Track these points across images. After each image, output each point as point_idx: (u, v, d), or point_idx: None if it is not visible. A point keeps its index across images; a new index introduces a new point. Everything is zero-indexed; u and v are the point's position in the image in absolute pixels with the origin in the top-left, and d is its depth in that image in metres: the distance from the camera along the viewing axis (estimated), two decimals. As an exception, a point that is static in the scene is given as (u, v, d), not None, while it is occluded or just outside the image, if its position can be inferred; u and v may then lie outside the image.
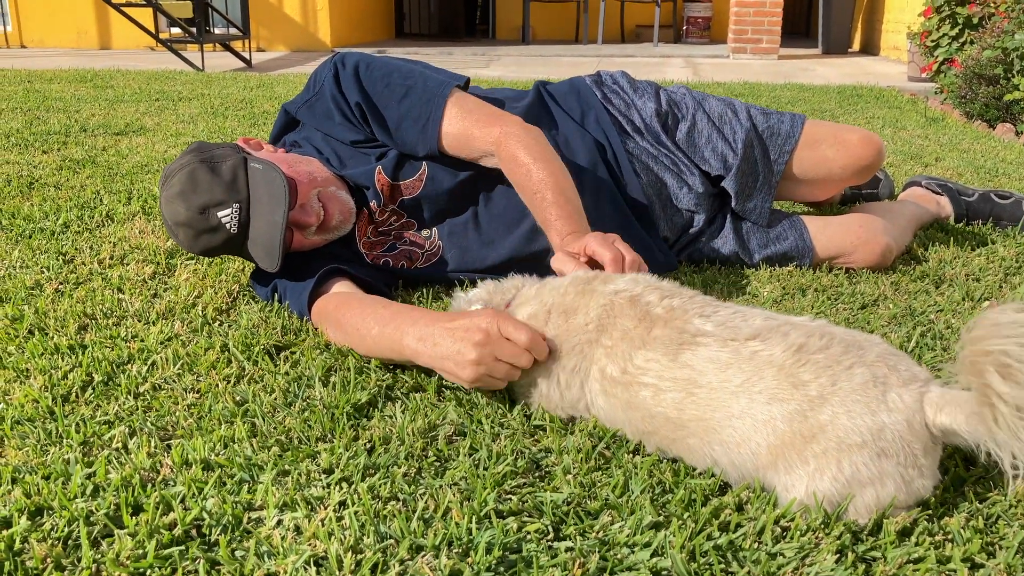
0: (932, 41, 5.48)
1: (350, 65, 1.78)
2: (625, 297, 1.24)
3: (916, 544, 1.00)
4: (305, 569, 0.95)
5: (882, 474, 1.00)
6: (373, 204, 1.80)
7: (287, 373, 1.45)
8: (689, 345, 1.14)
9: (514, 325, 1.27)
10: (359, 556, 0.97)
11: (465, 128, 1.72)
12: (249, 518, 1.05)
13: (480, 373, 1.27)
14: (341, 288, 1.66)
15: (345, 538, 1.00)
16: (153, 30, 7.89)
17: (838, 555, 0.98)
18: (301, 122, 1.90)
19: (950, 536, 1.01)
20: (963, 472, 1.14)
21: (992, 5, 5.01)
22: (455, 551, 0.98)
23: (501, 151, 1.68)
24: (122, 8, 7.44)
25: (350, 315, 1.52)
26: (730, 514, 1.05)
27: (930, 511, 1.06)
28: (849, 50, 9.17)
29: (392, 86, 1.75)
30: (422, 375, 1.44)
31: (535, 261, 1.83)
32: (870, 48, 9.21)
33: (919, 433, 1.01)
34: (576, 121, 1.97)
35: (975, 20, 5.17)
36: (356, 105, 1.76)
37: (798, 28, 12.61)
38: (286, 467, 1.16)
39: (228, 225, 1.59)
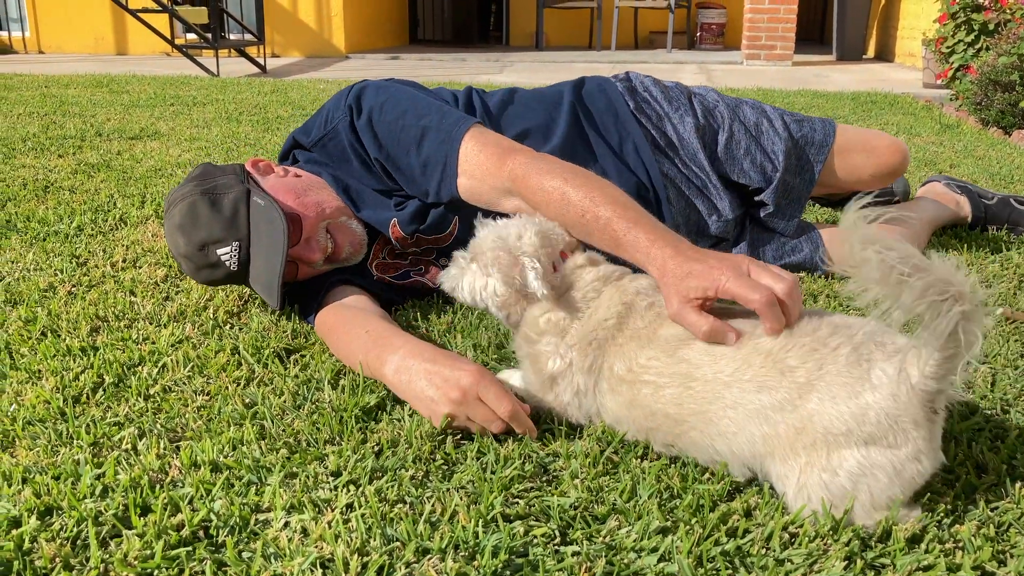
0: (947, 47, 5.45)
1: (365, 112, 1.66)
2: (645, 300, 1.23)
3: (926, 551, 0.99)
4: (312, 571, 0.95)
5: (872, 466, 0.99)
6: (388, 239, 1.74)
7: (296, 376, 1.45)
8: (688, 341, 1.13)
9: (496, 393, 1.22)
10: (365, 558, 0.97)
11: (479, 164, 1.53)
12: (256, 520, 1.06)
13: (452, 423, 1.25)
14: (345, 297, 1.63)
15: (352, 540, 1.00)
16: (169, 36, 7.96)
17: (847, 562, 0.97)
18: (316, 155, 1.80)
19: (960, 544, 1.00)
20: (974, 480, 1.13)
21: (1008, 11, 4.98)
22: (461, 554, 0.98)
23: (521, 186, 1.44)
24: (139, 14, 7.50)
25: (340, 339, 1.49)
26: (738, 520, 1.04)
27: (939, 518, 1.05)
28: (864, 56, 9.14)
29: (407, 128, 1.62)
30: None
31: None
32: (885, 54, 9.17)
33: (906, 405, 0.98)
34: (615, 152, 1.85)
35: (991, 26, 5.14)
36: (376, 160, 1.67)
37: (812, 34, 12.57)
38: (294, 469, 1.16)
39: (228, 263, 1.57)
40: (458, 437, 1.25)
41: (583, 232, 1.35)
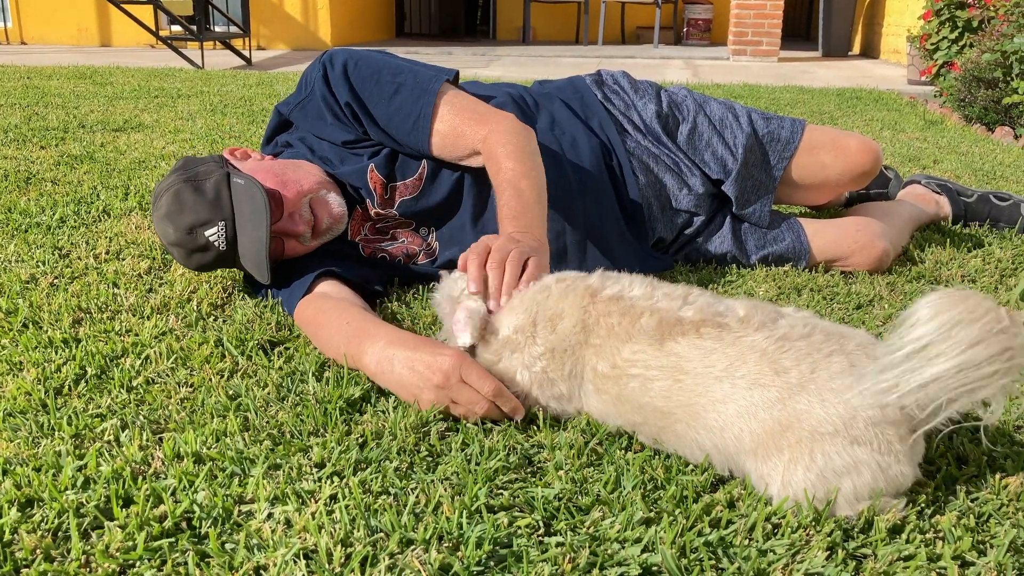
0: (932, 44, 5.49)
1: (338, 64, 1.75)
2: (608, 295, 1.23)
3: (907, 542, 1.00)
4: (295, 562, 0.95)
5: (857, 463, 1.00)
6: (368, 203, 1.80)
7: (280, 368, 1.45)
8: (674, 333, 1.14)
9: (479, 374, 1.24)
10: (349, 549, 0.97)
11: (455, 126, 1.69)
12: (240, 511, 1.05)
13: (436, 406, 1.26)
14: (326, 289, 1.64)
15: (335, 531, 1.00)
16: (154, 27, 7.89)
17: (828, 552, 0.98)
18: (294, 124, 1.89)
19: (941, 534, 1.01)
20: (955, 471, 1.14)
21: (992, 9, 5.01)
22: (445, 545, 0.98)
23: (485, 148, 1.65)
24: (123, 5, 7.44)
25: (320, 331, 1.51)
26: (721, 510, 1.05)
27: (920, 508, 1.05)
28: (849, 53, 9.18)
29: (382, 83, 1.73)
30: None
31: None
32: (870, 51, 9.21)
33: (893, 419, 1.00)
34: (582, 120, 1.96)
35: (975, 23, 5.17)
36: (346, 105, 1.75)
37: (798, 31, 12.62)
38: (278, 461, 1.15)
39: (217, 243, 1.60)
40: (443, 428, 1.25)
41: (496, 195, 1.59)
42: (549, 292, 1.28)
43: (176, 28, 8.29)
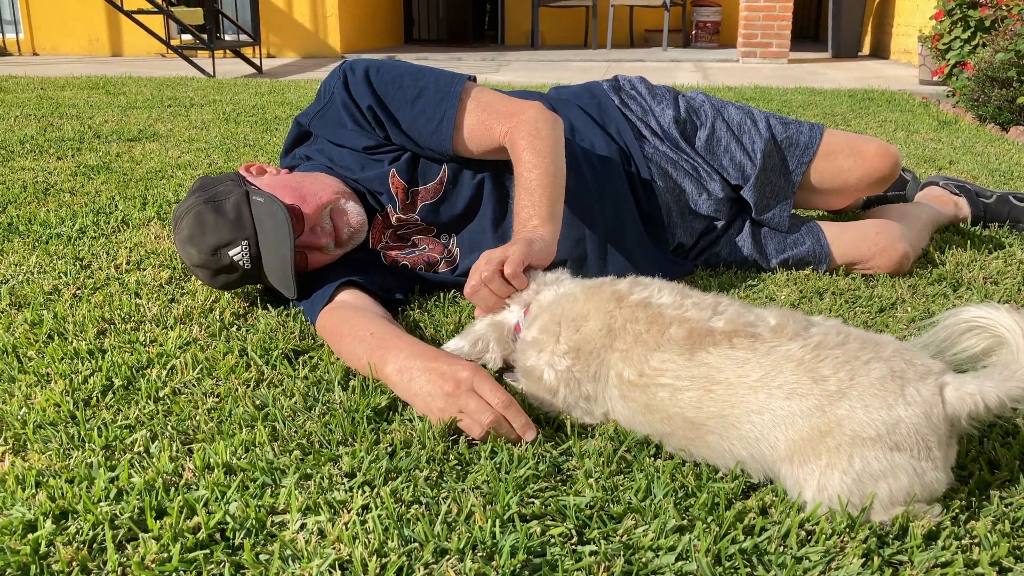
0: (944, 44, 5.46)
1: (360, 71, 1.77)
2: (634, 301, 1.24)
3: (943, 548, 0.99)
4: (330, 572, 0.95)
5: (894, 467, 1.01)
6: (389, 209, 1.80)
7: (306, 377, 1.45)
8: (705, 344, 1.14)
9: (491, 386, 1.24)
10: (384, 560, 0.97)
11: (483, 120, 1.70)
12: (273, 522, 1.05)
13: (446, 417, 1.25)
14: (347, 299, 1.65)
15: (369, 542, 1.00)
16: (164, 37, 7.94)
17: (864, 559, 0.97)
18: (313, 134, 1.90)
19: (977, 540, 1.01)
20: (988, 476, 1.13)
21: (1004, 8, 4.99)
22: (480, 555, 0.98)
23: (509, 140, 1.66)
24: (134, 15, 7.48)
25: (343, 341, 1.50)
26: (754, 518, 1.04)
27: (955, 514, 1.05)
28: (859, 54, 9.15)
29: (404, 87, 1.74)
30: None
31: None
32: (880, 51, 9.18)
33: (936, 426, 1.01)
34: (600, 127, 1.95)
35: (987, 23, 5.15)
36: (368, 108, 1.75)
37: (807, 32, 12.60)
38: (308, 471, 1.16)
39: (241, 262, 1.62)
40: (470, 437, 1.25)
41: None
42: (575, 297, 1.29)
43: (187, 37, 8.33)
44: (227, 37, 8.96)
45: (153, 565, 0.97)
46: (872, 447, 1.00)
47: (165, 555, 0.98)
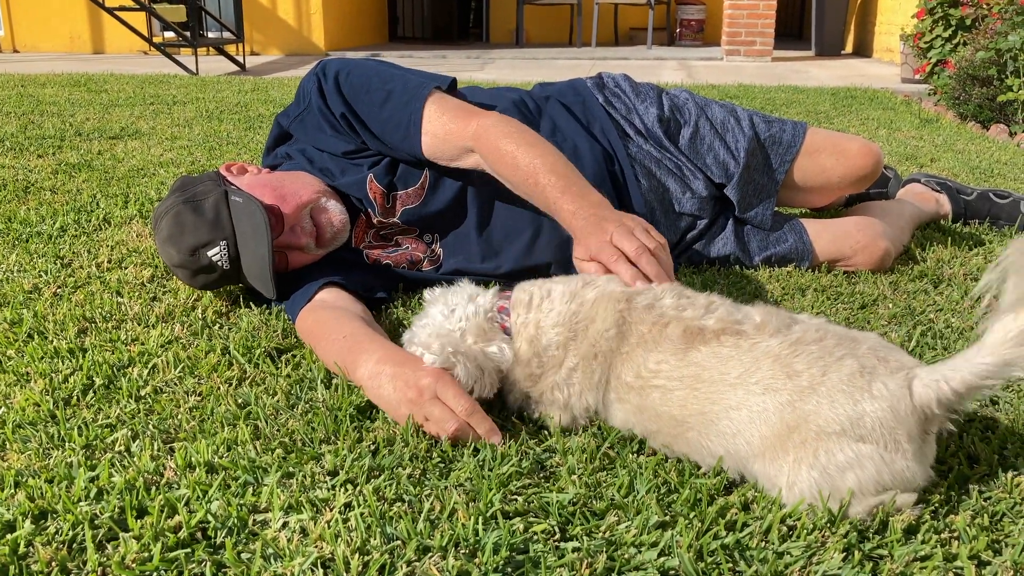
0: (925, 43, 5.51)
1: (331, 75, 1.76)
2: (642, 303, 1.23)
3: (923, 542, 1.00)
4: (312, 571, 0.95)
5: (860, 457, 1.01)
6: (369, 212, 1.80)
7: (289, 375, 1.45)
8: (696, 343, 1.14)
9: (455, 393, 1.22)
10: (366, 557, 0.97)
11: (444, 124, 1.67)
12: (254, 520, 1.05)
13: (412, 421, 1.24)
14: (327, 298, 1.64)
15: (352, 540, 0.99)
16: (146, 34, 7.88)
17: (845, 553, 0.98)
18: (294, 135, 1.90)
19: (956, 534, 1.02)
20: (967, 470, 1.14)
21: (985, 7, 5.03)
22: (463, 552, 0.98)
23: (481, 145, 1.61)
24: (115, 12, 7.42)
25: (319, 344, 1.50)
26: (736, 513, 1.05)
27: (934, 508, 1.06)
28: (842, 52, 9.20)
29: (372, 91, 1.73)
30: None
31: (536, 274, 1.81)
32: (863, 50, 9.24)
33: (904, 419, 1.01)
34: (583, 127, 1.95)
35: (968, 21, 5.19)
36: (342, 116, 1.75)
37: (791, 30, 12.64)
38: (290, 469, 1.15)
39: (220, 263, 1.61)
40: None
41: (525, 192, 1.59)
42: (583, 299, 1.27)
43: (169, 34, 8.28)
44: (210, 34, 8.91)
45: (134, 565, 0.96)
46: (837, 440, 1.01)
47: (146, 554, 0.97)
